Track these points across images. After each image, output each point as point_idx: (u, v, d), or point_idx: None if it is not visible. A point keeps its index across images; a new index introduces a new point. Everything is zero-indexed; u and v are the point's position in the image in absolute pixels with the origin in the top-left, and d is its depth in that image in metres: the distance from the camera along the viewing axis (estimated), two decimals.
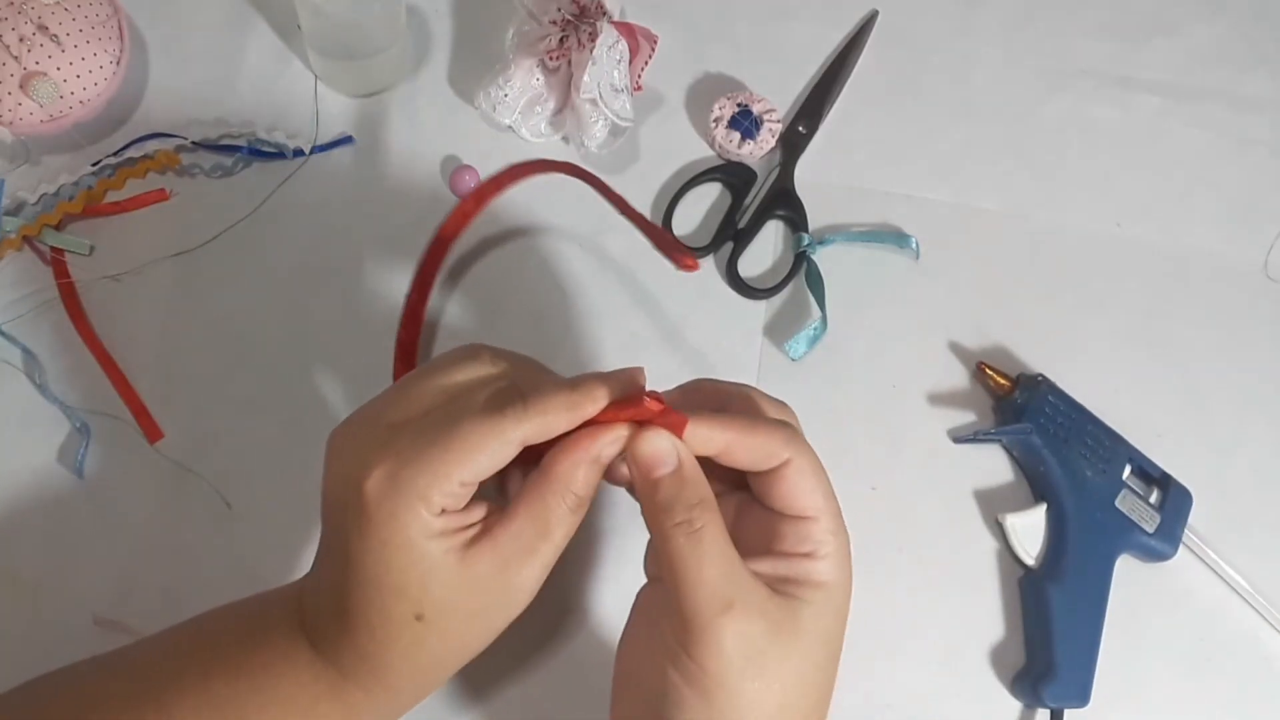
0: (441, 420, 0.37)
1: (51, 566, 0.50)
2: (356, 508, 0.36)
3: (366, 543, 0.36)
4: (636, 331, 0.58)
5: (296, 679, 0.39)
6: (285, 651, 0.39)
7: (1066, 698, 0.51)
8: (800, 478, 0.38)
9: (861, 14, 0.67)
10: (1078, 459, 0.55)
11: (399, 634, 0.37)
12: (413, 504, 0.36)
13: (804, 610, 0.37)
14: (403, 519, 0.36)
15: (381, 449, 0.36)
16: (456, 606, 0.37)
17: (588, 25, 0.57)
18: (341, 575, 0.37)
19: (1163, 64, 0.68)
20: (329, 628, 0.38)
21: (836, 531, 0.38)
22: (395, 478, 0.36)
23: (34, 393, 0.53)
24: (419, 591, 0.37)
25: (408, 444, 0.36)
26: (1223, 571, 0.56)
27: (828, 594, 0.38)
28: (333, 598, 0.38)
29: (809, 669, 0.37)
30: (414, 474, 0.36)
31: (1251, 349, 0.62)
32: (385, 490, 0.36)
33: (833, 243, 0.60)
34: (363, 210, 0.59)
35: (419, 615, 0.37)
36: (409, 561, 0.36)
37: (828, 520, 0.38)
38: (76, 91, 0.55)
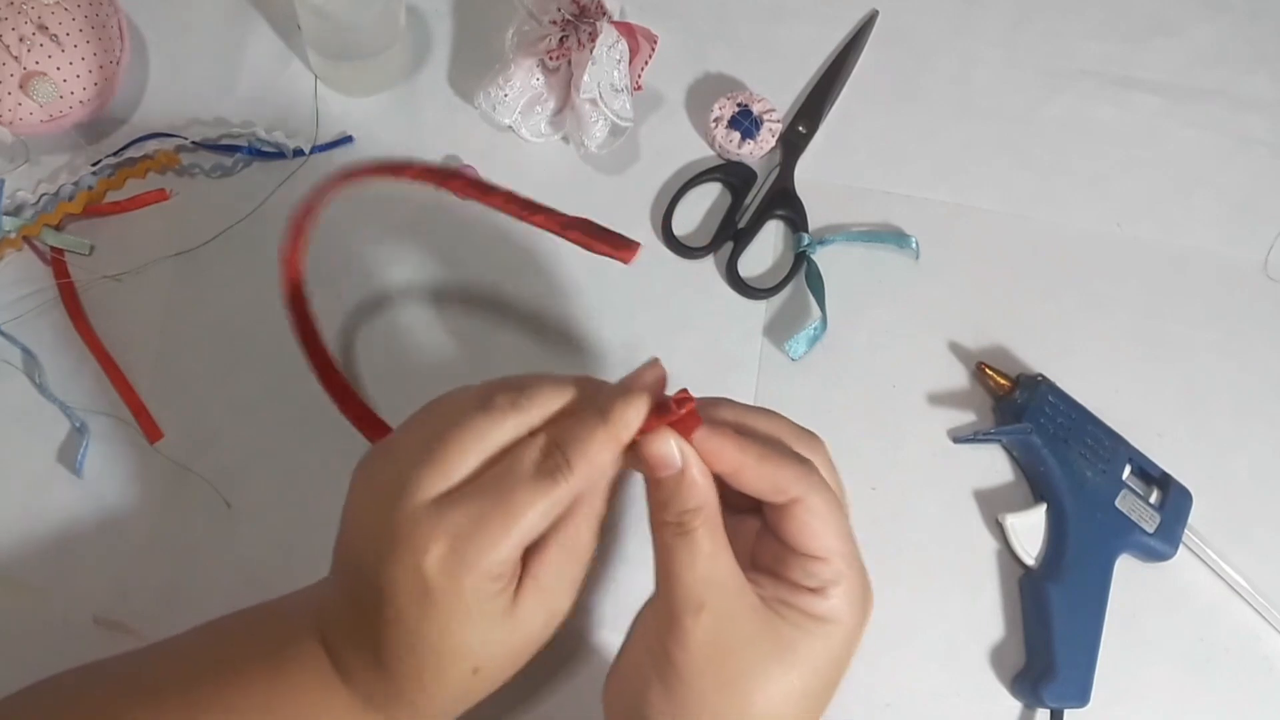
0: (493, 494, 0.37)
1: (51, 566, 0.50)
2: (416, 589, 0.36)
3: (428, 616, 0.36)
4: (636, 331, 0.58)
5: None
6: (317, 697, 0.39)
7: (1066, 698, 0.51)
8: (810, 518, 0.38)
9: (861, 14, 0.67)
10: (1078, 459, 0.55)
11: (453, 687, 0.38)
12: (477, 579, 0.36)
13: (798, 636, 0.37)
14: (467, 594, 0.36)
15: (434, 525, 0.36)
16: (509, 651, 0.39)
17: (588, 25, 0.57)
18: (387, 632, 0.37)
19: (1163, 64, 0.68)
20: (367, 674, 0.39)
21: (848, 573, 0.38)
22: (458, 554, 0.36)
23: (34, 393, 0.53)
24: (479, 649, 0.38)
25: (465, 520, 0.36)
26: (1223, 571, 0.56)
27: (829, 630, 0.38)
28: (373, 648, 0.38)
29: (794, 694, 0.37)
30: (476, 551, 0.36)
31: (1251, 349, 0.62)
32: (447, 568, 0.36)
33: (833, 243, 0.60)
34: (363, 211, 0.59)
35: (476, 669, 0.38)
36: (471, 629, 0.37)
37: (839, 562, 0.38)
38: (76, 91, 0.55)
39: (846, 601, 0.38)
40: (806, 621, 0.37)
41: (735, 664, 0.37)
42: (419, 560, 0.36)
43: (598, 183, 0.61)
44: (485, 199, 0.48)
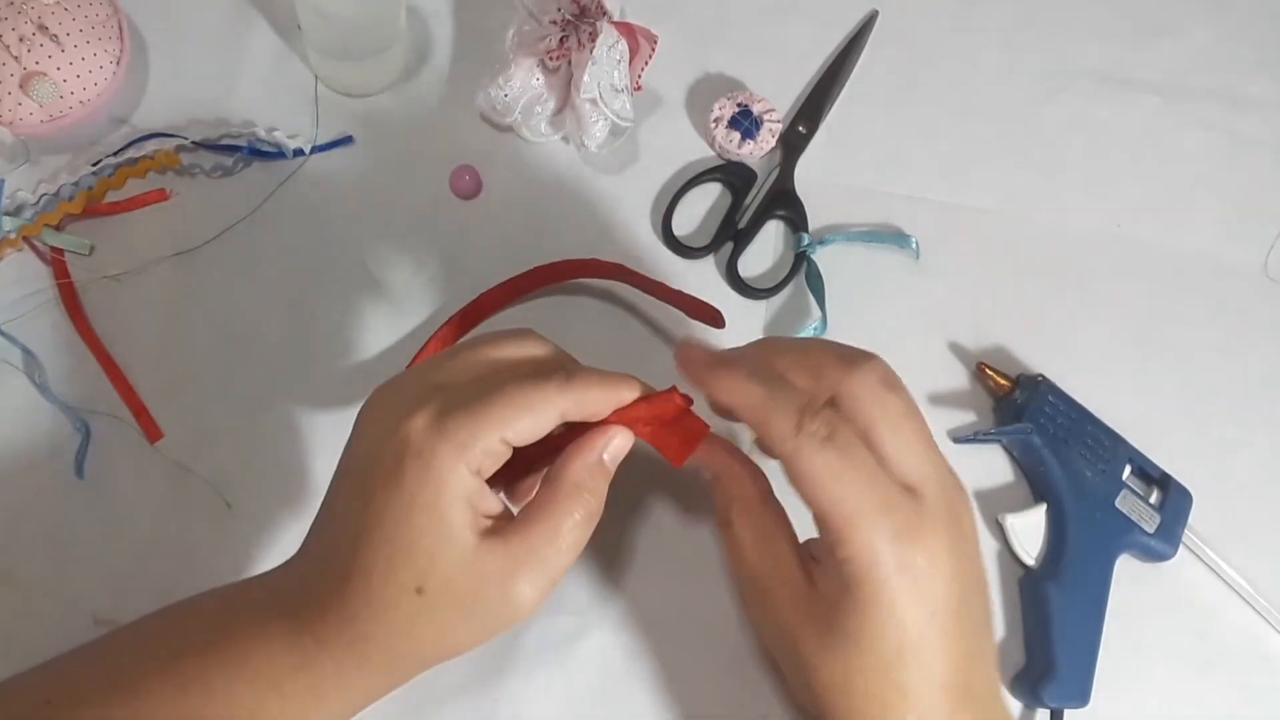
0: (488, 381, 0.38)
1: (51, 566, 0.50)
2: (392, 455, 0.36)
3: (391, 494, 0.36)
4: (636, 331, 0.58)
5: (267, 652, 0.38)
6: (259, 626, 0.38)
7: (1066, 698, 0.51)
8: (799, 480, 0.37)
9: (861, 14, 0.67)
10: (1078, 459, 0.55)
11: (395, 601, 0.37)
12: (451, 454, 0.36)
13: (832, 612, 0.37)
14: (438, 468, 0.36)
15: (425, 400, 0.37)
16: (458, 594, 0.37)
17: (588, 25, 0.57)
18: (349, 533, 0.37)
19: (1163, 64, 0.68)
20: (318, 589, 0.38)
21: (858, 537, 0.36)
22: (438, 424, 0.36)
23: (34, 393, 0.53)
24: (427, 561, 0.36)
25: (453, 396, 0.37)
26: (1223, 571, 0.56)
27: (853, 600, 0.37)
28: (331, 559, 0.38)
29: (842, 672, 0.38)
30: (456, 424, 0.36)
31: (1251, 349, 0.62)
32: (426, 436, 0.36)
33: (833, 243, 0.60)
34: (363, 210, 0.59)
35: (420, 588, 0.37)
36: (428, 522, 0.36)
37: (839, 525, 0.36)
38: (76, 91, 0.55)
39: (863, 567, 0.36)
40: (836, 594, 0.37)
41: (804, 653, 0.38)
42: (402, 419, 0.37)
43: (598, 183, 0.61)
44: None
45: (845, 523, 0.36)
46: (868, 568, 0.36)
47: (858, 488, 0.37)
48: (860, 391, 0.38)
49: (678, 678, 0.51)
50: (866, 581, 0.36)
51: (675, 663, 0.51)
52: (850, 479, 0.37)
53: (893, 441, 0.38)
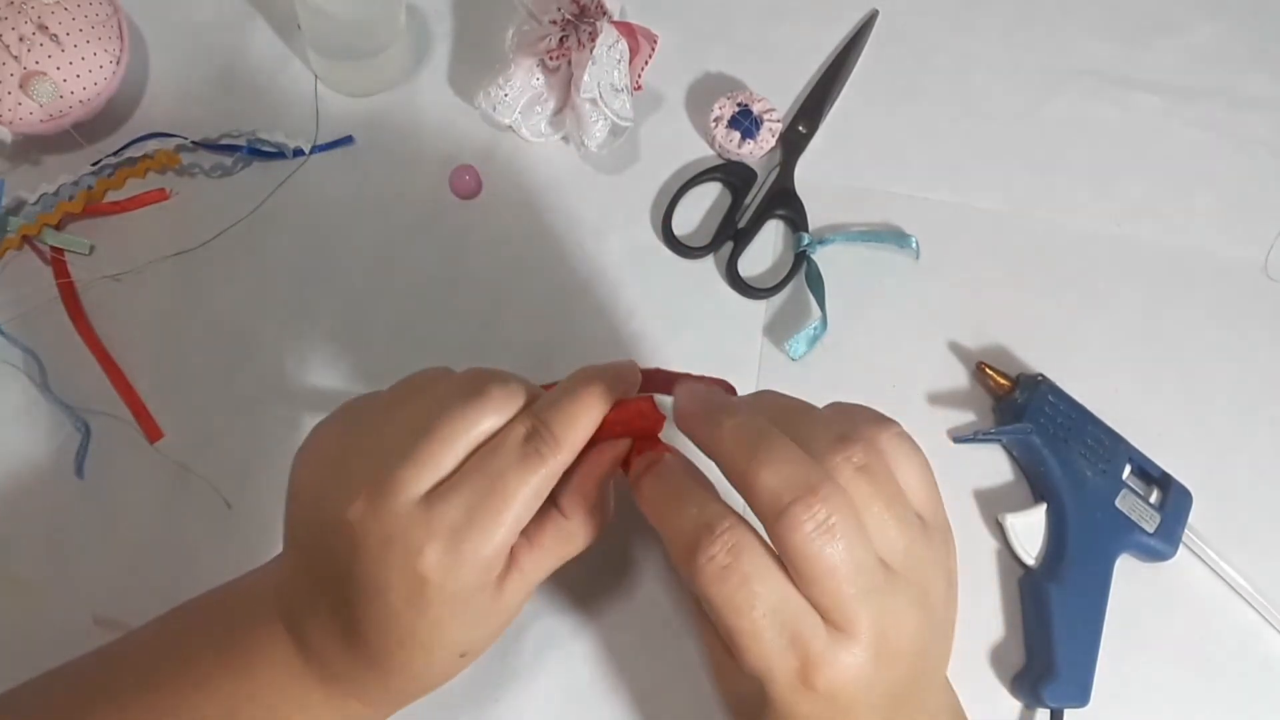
0: (483, 483, 0.36)
1: (51, 566, 0.50)
2: (410, 583, 0.36)
3: (423, 614, 0.36)
4: (636, 331, 0.58)
5: (302, 705, 0.39)
6: (280, 684, 0.39)
7: (1066, 697, 0.51)
8: (703, 600, 0.35)
9: (861, 14, 0.67)
10: (1078, 459, 0.55)
11: (439, 670, 0.39)
12: (472, 573, 0.36)
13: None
14: (462, 589, 0.36)
15: (428, 524, 0.36)
16: (493, 633, 0.40)
17: (588, 25, 0.57)
18: (376, 627, 0.37)
19: (1163, 64, 0.68)
20: (338, 656, 0.38)
21: (756, 663, 0.34)
22: (454, 553, 0.36)
23: (34, 393, 0.53)
24: (468, 636, 0.38)
25: (458, 515, 0.36)
26: (1223, 571, 0.56)
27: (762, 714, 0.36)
28: (351, 635, 0.38)
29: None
30: (472, 548, 0.36)
31: (1251, 349, 0.62)
32: (444, 566, 0.36)
33: (833, 242, 0.60)
34: (363, 210, 0.59)
35: (464, 654, 0.39)
36: (463, 620, 0.37)
37: (738, 650, 0.35)
38: (76, 91, 0.55)
39: (763, 686, 0.35)
40: (751, 689, 0.36)
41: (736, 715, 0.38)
42: (414, 561, 0.35)
43: (598, 183, 0.61)
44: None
45: (740, 649, 0.35)
46: (765, 685, 0.35)
47: (749, 623, 0.34)
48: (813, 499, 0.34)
49: (678, 678, 0.51)
50: (764, 694, 0.35)
51: (675, 663, 0.51)
52: (742, 614, 0.34)
53: (827, 569, 0.34)
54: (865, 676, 0.34)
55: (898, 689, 0.36)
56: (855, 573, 0.34)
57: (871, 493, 0.35)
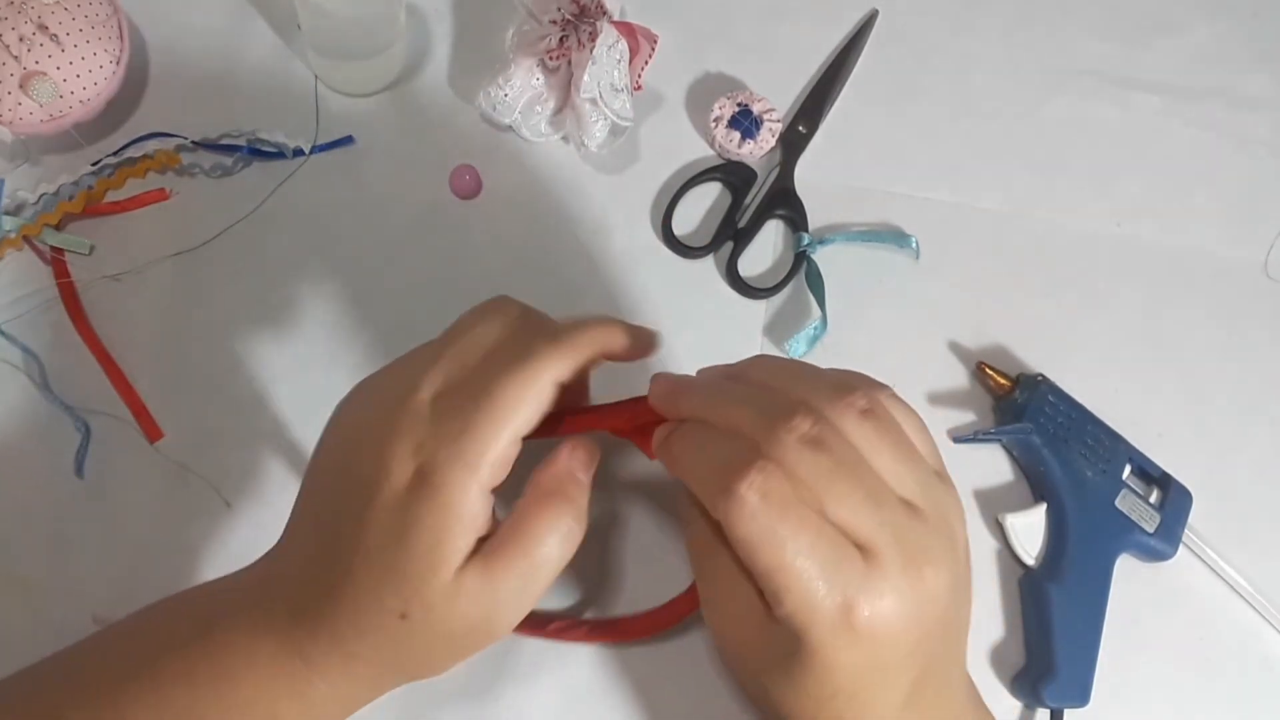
0: (479, 383, 0.37)
1: (52, 566, 0.50)
2: (397, 476, 0.36)
3: (392, 517, 0.36)
4: None
5: (256, 680, 0.38)
6: (245, 651, 0.38)
7: (1066, 697, 0.51)
8: (734, 542, 0.35)
9: (861, 14, 0.67)
10: (1078, 459, 0.55)
11: (379, 625, 0.37)
12: (463, 477, 0.36)
13: (779, 676, 0.37)
14: (448, 495, 0.36)
15: (422, 413, 0.36)
16: (439, 619, 0.37)
17: (588, 25, 0.57)
18: (340, 549, 0.36)
19: (1163, 64, 0.68)
20: (305, 605, 0.37)
21: (793, 600, 0.34)
22: (446, 443, 0.36)
23: (34, 393, 0.53)
24: (412, 589, 0.36)
25: (451, 404, 0.37)
26: (1223, 571, 0.56)
27: (793, 662, 0.36)
28: (320, 574, 0.37)
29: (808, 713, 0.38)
30: (466, 441, 0.36)
31: (1251, 349, 0.62)
32: (435, 459, 0.36)
33: (833, 242, 0.60)
34: (363, 210, 0.59)
35: (404, 614, 0.36)
36: (423, 550, 0.36)
37: (775, 589, 0.34)
38: (76, 91, 0.55)
39: (799, 627, 0.34)
40: (783, 659, 0.36)
41: (760, 677, 0.38)
42: (404, 440, 0.36)
43: (598, 182, 0.61)
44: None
45: (781, 589, 0.34)
46: (805, 628, 0.35)
47: (791, 556, 0.34)
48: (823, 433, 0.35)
49: (678, 678, 0.51)
50: (805, 639, 0.35)
51: (676, 663, 0.51)
52: (784, 547, 0.34)
53: (847, 492, 0.35)
54: (903, 614, 0.34)
55: (930, 645, 0.36)
56: (874, 500, 0.35)
57: (878, 435, 0.36)
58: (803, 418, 0.35)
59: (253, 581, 0.40)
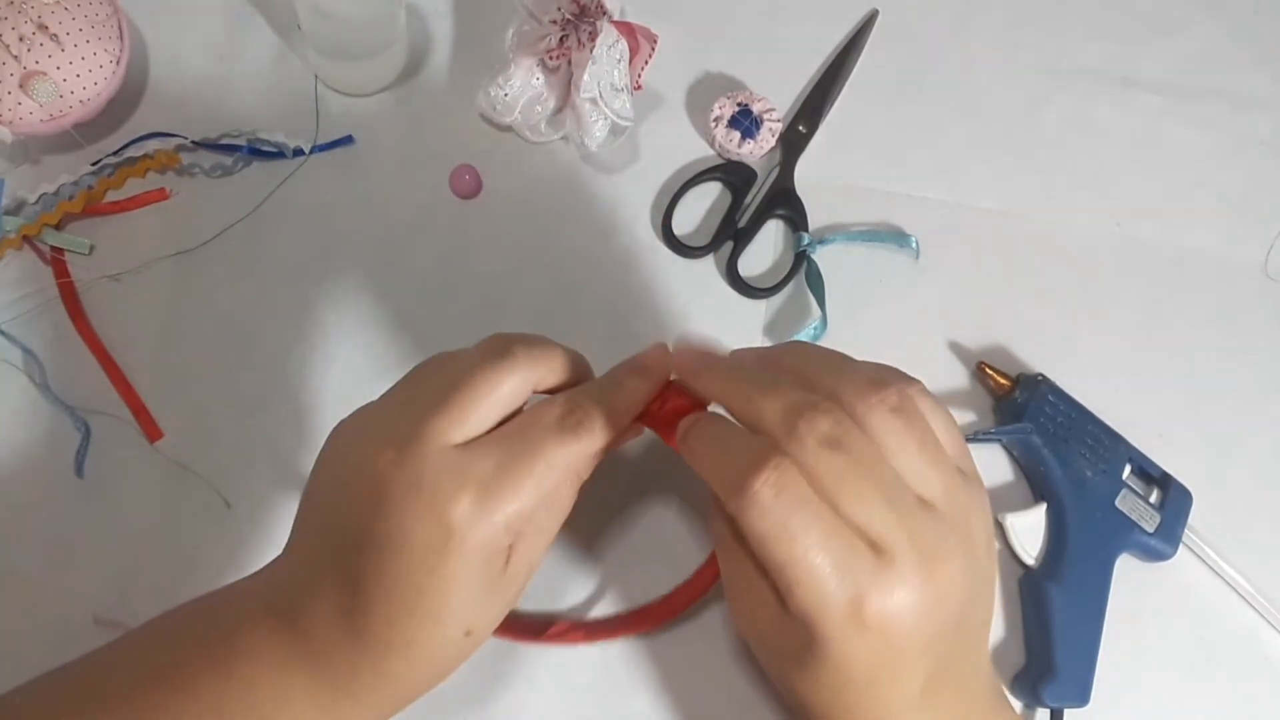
0: (518, 442, 0.37)
1: (51, 566, 0.50)
2: (437, 531, 0.35)
3: (441, 568, 0.36)
4: (637, 331, 0.58)
5: (290, 704, 0.38)
6: (272, 689, 0.38)
7: (1066, 697, 0.51)
8: (748, 535, 0.35)
9: (861, 14, 0.67)
10: (1078, 459, 0.55)
11: (443, 651, 0.38)
12: (495, 532, 0.36)
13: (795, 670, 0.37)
14: (482, 546, 0.36)
15: (462, 472, 0.36)
16: (497, 614, 0.39)
17: (588, 25, 0.57)
18: (384, 592, 0.36)
19: (1163, 64, 0.68)
20: (338, 650, 0.37)
21: (807, 594, 0.34)
22: (482, 503, 0.36)
23: (34, 393, 0.53)
24: (474, 609, 0.37)
25: (490, 467, 0.36)
26: (1223, 571, 0.56)
27: (807, 655, 0.36)
28: (353, 617, 0.37)
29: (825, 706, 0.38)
30: (500, 501, 0.36)
31: (1251, 349, 0.62)
32: (472, 516, 0.36)
33: (833, 242, 0.60)
34: (363, 210, 0.59)
35: (469, 632, 0.38)
36: (474, 587, 0.37)
37: (787, 583, 0.35)
38: (76, 91, 0.55)
39: (813, 621, 0.35)
40: (797, 652, 0.36)
41: (777, 665, 0.38)
42: (442, 507, 0.35)
43: (598, 182, 0.61)
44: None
45: (793, 583, 0.35)
46: (816, 622, 0.35)
47: (803, 550, 0.34)
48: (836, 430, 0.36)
49: (678, 677, 0.51)
50: (816, 632, 0.35)
51: (675, 662, 0.51)
52: (795, 541, 0.34)
53: (862, 491, 0.35)
54: (915, 610, 0.35)
55: (945, 640, 0.36)
56: (889, 499, 0.35)
57: (906, 431, 0.36)
58: (824, 415, 0.35)
59: (265, 607, 0.39)
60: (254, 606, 0.39)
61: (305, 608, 0.38)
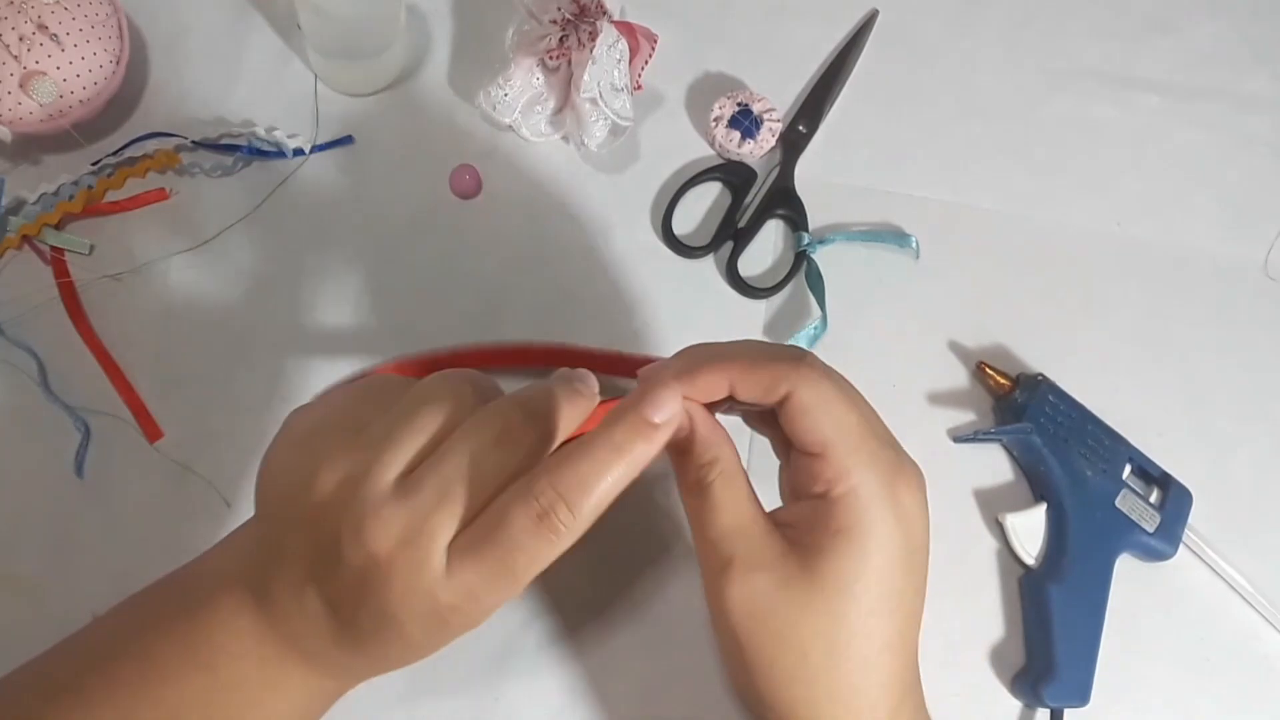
0: (498, 556, 0.34)
1: (51, 566, 0.50)
2: (428, 608, 0.34)
3: (432, 630, 0.35)
4: (636, 331, 0.58)
5: (293, 709, 0.38)
6: (264, 681, 0.37)
7: (1066, 697, 0.51)
8: (799, 413, 0.37)
9: (861, 14, 0.67)
10: (1078, 459, 0.55)
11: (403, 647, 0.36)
12: (481, 612, 0.35)
13: (826, 563, 0.36)
14: (467, 619, 0.35)
15: (451, 580, 0.34)
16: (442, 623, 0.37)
17: (588, 24, 0.57)
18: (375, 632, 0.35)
19: (1163, 64, 0.68)
20: (323, 645, 0.37)
21: (855, 468, 0.37)
22: (468, 607, 0.34)
23: (34, 392, 0.53)
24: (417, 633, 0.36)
25: (477, 581, 0.34)
26: (1223, 571, 0.56)
27: (848, 540, 0.36)
28: (339, 617, 0.36)
29: (828, 624, 0.36)
30: (485, 607, 0.34)
31: (1251, 349, 0.62)
32: (460, 611, 0.34)
33: (833, 242, 0.60)
34: (363, 210, 0.59)
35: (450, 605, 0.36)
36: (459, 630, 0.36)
37: (839, 454, 0.37)
38: (76, 91, 0.55)
39: (862, 500, 0.37)
40: (828, 540, 0.36)
41: (781, 616, 0.36)
42: (439, 593, 0.34)
43: (598, 182, 0.61)
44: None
45: (848, 452, 0.37)
46: (867, 501, 0.37)
47: (855, 420, 0.38)
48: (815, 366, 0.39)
49: (677, 678, 0.51)
50: (863, 518, 0.36)
51: (675, 663, 0.51)
52: (849, 410, 0.38)
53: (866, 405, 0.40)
54: (921, 517, 0.39)
55: (908, 598, 0.39)
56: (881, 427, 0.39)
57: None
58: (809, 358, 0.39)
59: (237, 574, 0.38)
60: (227, 583, 0.38)
61: (275, 586, 0.37)
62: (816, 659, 0.37)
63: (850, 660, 0.37)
